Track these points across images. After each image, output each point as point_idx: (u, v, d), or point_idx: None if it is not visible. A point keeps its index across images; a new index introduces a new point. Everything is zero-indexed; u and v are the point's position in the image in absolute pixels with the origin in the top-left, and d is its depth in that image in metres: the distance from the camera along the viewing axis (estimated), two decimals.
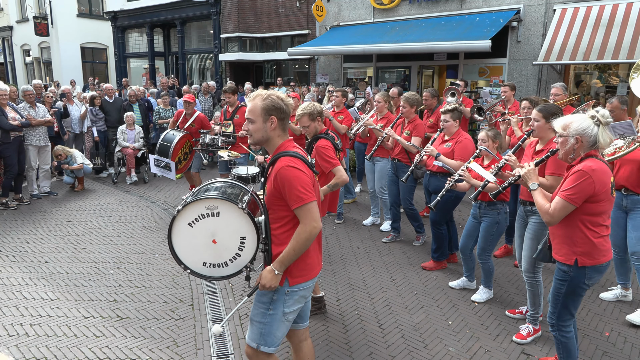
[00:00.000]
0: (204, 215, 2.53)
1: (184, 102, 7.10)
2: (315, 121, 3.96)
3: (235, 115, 6.60)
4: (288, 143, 2.47)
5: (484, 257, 4.17)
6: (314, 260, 2.52)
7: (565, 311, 2.87)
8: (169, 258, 5.27)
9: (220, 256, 2.57)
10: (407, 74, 11.77)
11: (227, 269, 2.60)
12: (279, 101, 2.41)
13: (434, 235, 4.87)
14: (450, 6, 10.44)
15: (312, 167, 2.46)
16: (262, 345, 2.48)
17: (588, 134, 2.64)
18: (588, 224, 2.70)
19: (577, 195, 2.62)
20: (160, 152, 6.72)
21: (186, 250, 2.60)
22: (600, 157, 2.71)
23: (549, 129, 3.36)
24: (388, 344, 3.61)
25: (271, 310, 2.45)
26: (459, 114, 4.73)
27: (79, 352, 3.49)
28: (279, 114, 2.41)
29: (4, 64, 25.75)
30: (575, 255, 2.74)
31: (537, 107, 3.50)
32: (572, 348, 2.94)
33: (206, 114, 10.67)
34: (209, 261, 2.59)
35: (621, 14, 8.16)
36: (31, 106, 7.55)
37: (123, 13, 18.11)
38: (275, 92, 2.47)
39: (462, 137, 4.64)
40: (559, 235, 2.82)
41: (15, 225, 6.39)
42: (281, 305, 2.45)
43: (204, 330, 3.79)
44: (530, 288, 3.64)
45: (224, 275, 2.63)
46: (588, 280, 2.76)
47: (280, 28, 14.09)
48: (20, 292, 4.43)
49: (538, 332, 3.67)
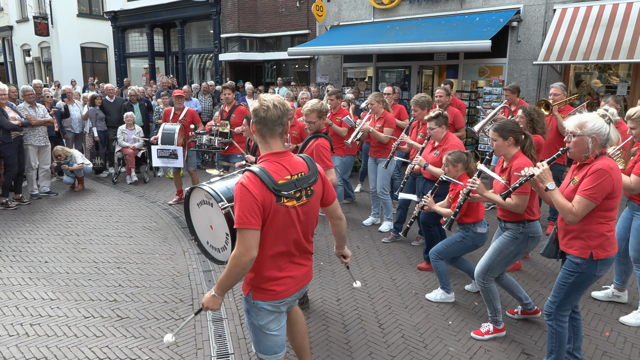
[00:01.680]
0: (204, 202, 2.66)
1: (175, 97, 7.17)
2: (322, 119, 4.08)
3: (232, 115, 6.60)
4: (266, 156, 2.31)
5: (433, 255, 4.13)
6: (274, 284, 2.33)
7: (567, 301, 2.95)
8: (169, 258, 5.28)
9: (216, 241, 2.71)
10: (407, 73, 11.77)
11: (219, 255, 2.74)
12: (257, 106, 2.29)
13: (426, 236, 4.88)
14: (450, 6, 10.43)
15: (277, 189, 2.21)
16: (258, 352, 2.48)
17: (602, 133, 2.72)
18: (603, 219, 2.79)
19: (599, 194, 2.69)
20: (164, 141, 6.80)
21: (197, 225, 2.83)
22: (610, 155, 2.80)
23: (509, 146, 3.39)
24: (388, 344, 3.61)
25: (250, 319, 2.43)
26: (444, 120, 4.65)
27: (79, 352, 3.49)
28: (254, 118, 2.31)
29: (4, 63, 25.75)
30: (590, 249, 2.81)
31: (492, 127, 3.48)
32: (565, 339, 3.01)
33: (206, 113, 10.68)
34: (210, 242, 2.77)
35: (621, 13, 8.16)
36: (31, 106, 7.55)
37: (123, 13, 18.11)
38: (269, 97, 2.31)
39: (449, 143, 4.61)
40: (573, 230, 2.87)
41: (15, 225, 6.39)
42: (253, 317, 2.40)
43: (204, 330, 3.79)
44: (482, 294, 3.64)
45: (218, 260, 2.77)
46: (599, 272, 2.86)
47: (280, 28, 14.09)
48: (20, 292, 4.43)
49: (501, 331, 3.67)
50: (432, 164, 4.66)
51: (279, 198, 2.22)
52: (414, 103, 5.39)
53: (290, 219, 2.28)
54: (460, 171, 4.06)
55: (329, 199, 2.53)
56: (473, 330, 3.74)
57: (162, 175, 9.58)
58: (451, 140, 4.66)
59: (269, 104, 2.26)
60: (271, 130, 2.29)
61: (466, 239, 3.97)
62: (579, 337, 3.16)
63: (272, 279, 2.33)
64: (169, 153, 6.83)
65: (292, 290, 2.41)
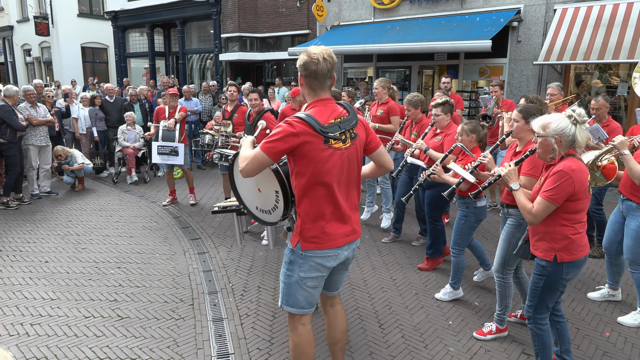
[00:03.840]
0: None
1: (169, 95, 7.17)
2: None
3: (234, 115, 6.60)
4: (312, 103, 2.43)
5: (455, 250, 4.15)
6: (329, 229, 2.40)
7: (542, 304, 2.94)
8: (169, 258, 5.28)
9: (265, 204, 2.78)
10: (408, 74, 11.77)
11: (270, 217, 2.80)
12: (307, 60, 2.36)
13: (430, 231, 4.86)
14: (451, 6, 10.43)
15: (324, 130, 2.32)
16: (284, 304, 2.54)
17: (567, 134, 2.69)
18: (567, 221, 2.77)
19: (559, 195, 2.67)
20: (165, 138, 6.80)
21: (244, 193, 2.91)
22: (578, 156, 2.78)
23: (528, 130, 3.34)
24: (388, 344, 3.61)
25: (289, 271, 2.48)
26: (450, 108, 4.68)
27: (79, 352, 3.49)
28: (303, 71, 2.40)
29: (5, 63, 25.76)
30: (554, 252, 2.80)
31: (517, 108, 3.50)
32: (548, 341, 3.01)
33: (206, 113, 10.68)
34: (259, 206, 2.85)
35: (622, 14, 8.15)
36: (32, 106, 7.56)
37: (123, 13, 18.11)
38: (317, 50, 2.38)
39: (452, 129, 4.60)
40: (538, 232, 2.88)
41: (15, 225, 6.40)
42: (297, 268, 2.45)
43: (204, 330, 3.79)
44: (498, 289, 3.63)
45: (269, 222, 2.87)
46: (566, 275, 2.84)
47: (280, 28, 14.09)
48: (20, 292, 4.43)
49: (503, 332, 3.67)
50: (432, 150, 4.65)
51: (327, 140, 2.31)
52: (407, 103, 5.38)
53: (341, 162, 2.38)
54: (474, 143, 4.04)
55: (374, 144, 2.58)
56: (475, 331, 3.74)
57: (162, 175, 9.58)
58: (454, 128, 4.66)
59: (319, 57, 2.33)
60: (321, 83, 2.37)
61: (469, 217, 4.01)
62: (565, 340, 3.13)
63: (320, 224, 2.39)
64: (169, 150, 6.83)
65: (338, 241, 2.45)
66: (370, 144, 2.55)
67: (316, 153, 2.29)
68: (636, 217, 3.76)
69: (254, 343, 3.62)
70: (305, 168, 2.33)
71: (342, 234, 2.45)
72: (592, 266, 5.02)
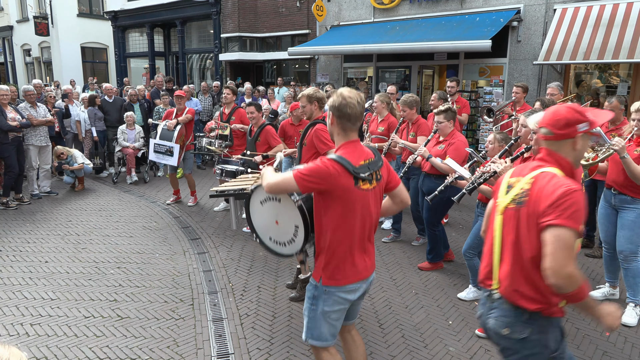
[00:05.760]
0: (270, 198, 2.81)
1: (175, 97, 7.12)
2: (312, 104, 4.23)
3: (231, 117, 6.58)
4: (344, 145, 2.45)
5: (469, 254, 4.13)
6: (352, 265, 2.46)
7: None
8: (169, 258, 5.28)
9: (281, 236, 2.83)
10: (408, 73, 11.76)
11: (284, 249, 2.86)
12: (343, 103, 2.42)
13: (429, 236, 4.85)
14: (451, 6, 10.43)
15: (356, 171, 2.36)
16: (309, 338, 2.57)
17: None
18: None
19: None
20: (163, 137, 6.76)
21: (258, 223, 2.96)
22: None
23: None
24: (388, 344, 3.61)
25: (313, 305, 2.53)
26: (453, 115, 4.66)
27: (79, 352, 3.49)
28: (334, 111, 2.45)
29: (5, 63, 25.74)
30: None
31: (524, 113, 3.49)
32: None
33: (206, 113, 10.68)
34: (274, 237, 2.89)
35: (621, 13, 8.15)
36: (32, 106, 7.55)
37: (123, 13, 18.11)
38: (352, 95, 2.45)
39: (456, 138, 4.60)
40: None
41: (15, 225, 6.39)
42: (321, 303, 2.49)
43: (204, 330, 3.79)
44: None
45: (282, 254, 2.92)
46: None
47: (280, 28, 14.08)
48: (20, 292, 4.43)
49: None
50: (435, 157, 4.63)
51: (357, 181, 2.37)
52: (403, 103, 5.34)
53: (367, 202, 2.43)
54: None
55: (394, 183, 2.64)
56: (477, 328, 3.72)
57: (162, 175, 9.57)
58: (457, 136, 4.65)
59: (354, 101, 2.41)
60: (354, 124, 2.45)
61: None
62: None
63: (342, 262, 2.45)
64: (165, 149, 6.77)
65: (360, 275, 2.50)
66: (390, 182, 2.63)
67: (348, 194, 2.36)
68: (632, 209, 3.83)
69: (254, 343, 3.62)
70: (335, 207, 2.38)
71: (363, 269, 2.53)
72: (592, 266, 5.02)
